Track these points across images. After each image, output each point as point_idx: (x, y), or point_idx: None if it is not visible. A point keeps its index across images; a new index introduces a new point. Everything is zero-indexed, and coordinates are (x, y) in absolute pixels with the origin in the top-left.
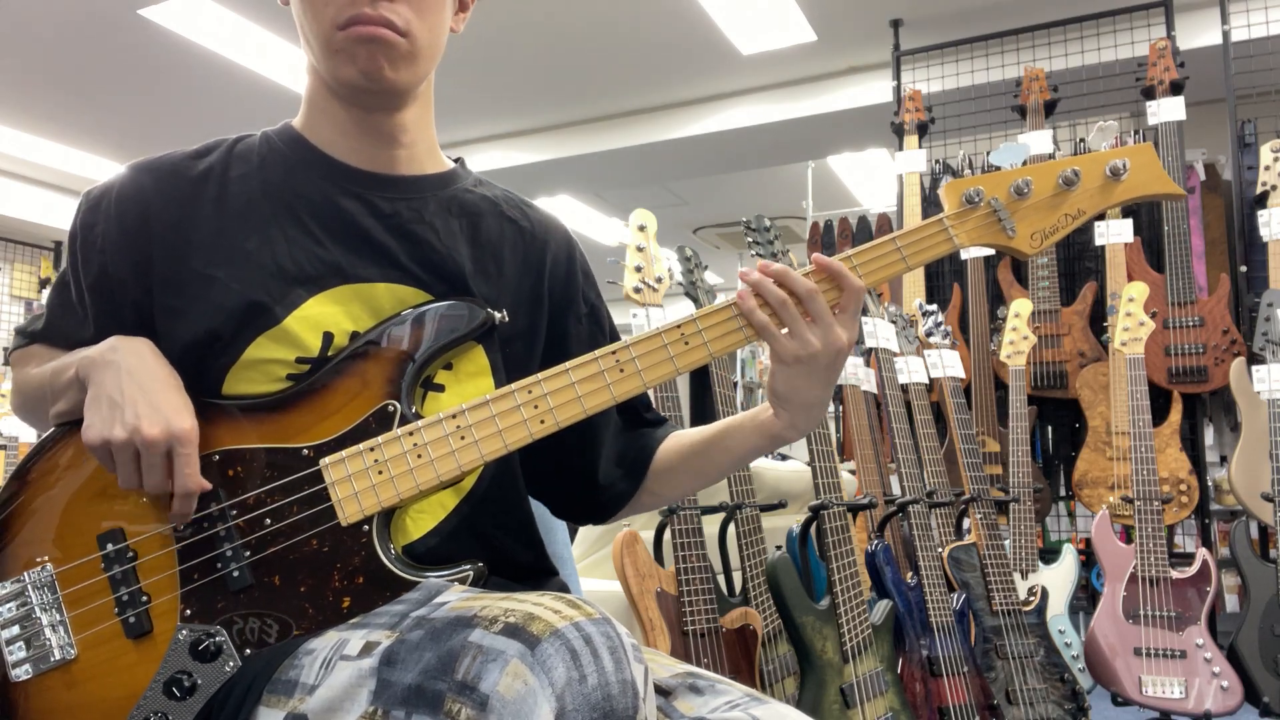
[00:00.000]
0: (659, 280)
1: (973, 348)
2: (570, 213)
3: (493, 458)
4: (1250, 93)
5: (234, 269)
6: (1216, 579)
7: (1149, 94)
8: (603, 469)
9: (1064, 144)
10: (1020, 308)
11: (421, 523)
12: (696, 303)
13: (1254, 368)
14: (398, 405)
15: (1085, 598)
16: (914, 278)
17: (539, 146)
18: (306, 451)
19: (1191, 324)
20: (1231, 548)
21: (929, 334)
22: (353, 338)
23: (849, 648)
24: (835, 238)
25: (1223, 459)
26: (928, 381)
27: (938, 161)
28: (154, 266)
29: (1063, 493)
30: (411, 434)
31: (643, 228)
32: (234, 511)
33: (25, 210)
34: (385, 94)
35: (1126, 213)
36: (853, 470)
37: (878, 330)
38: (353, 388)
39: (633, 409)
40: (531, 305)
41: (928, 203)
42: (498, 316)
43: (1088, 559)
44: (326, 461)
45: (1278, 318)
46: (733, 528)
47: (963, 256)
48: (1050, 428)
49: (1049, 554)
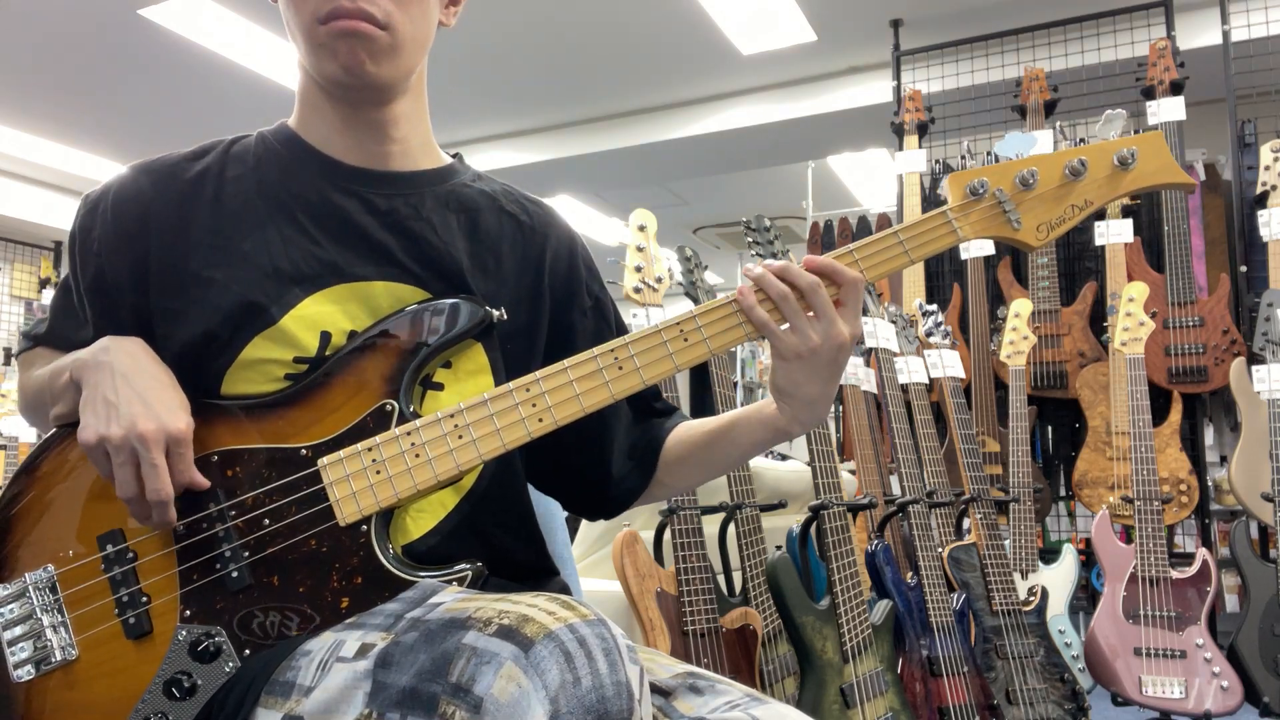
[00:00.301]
0: (659, 280)
1: (973, 348)
2: (570, 213)
3: (491, 457)
4: (1250, 93)
5: (231, 270)
6: (1216, 579)
7: (1149, 94)
8: (615, 463)
9: (1064, 144)
10: (1020, 308)
11: (422, 522)
12: (696, 303)
13: (1254, 368)
14: (395, 404)
15: (1085, 598)
16: (914, 277)
17: (539, 146)
18: (305, 451)
19: (1191, 324)
20: (1231, 548)
21: (929, 334)
22: (350, 337)
23: (849, 648)
24: (835, 238)
25: (1223, 459)
26: (928, 381)
27: (938, 161)
28: (151, 268)
29: (1063, 493)
30: (409, 433)
31: (643, 228)
32: (233, 512)
33: (25, 210)
34: (369, 89)
35: (1126, 212)
36: (853, 470)
37: (878, 330)
38: (350, 387)
39: (643, 400)
40: (532, 301)
41: (928, 202)
42: (496, 314)
43: (1088, 559)
44: (324, 461)
45: (1278, 318)
46: (733, 528)
47: (963, 256)
48: (1050, 428)
49: (1049, 554)
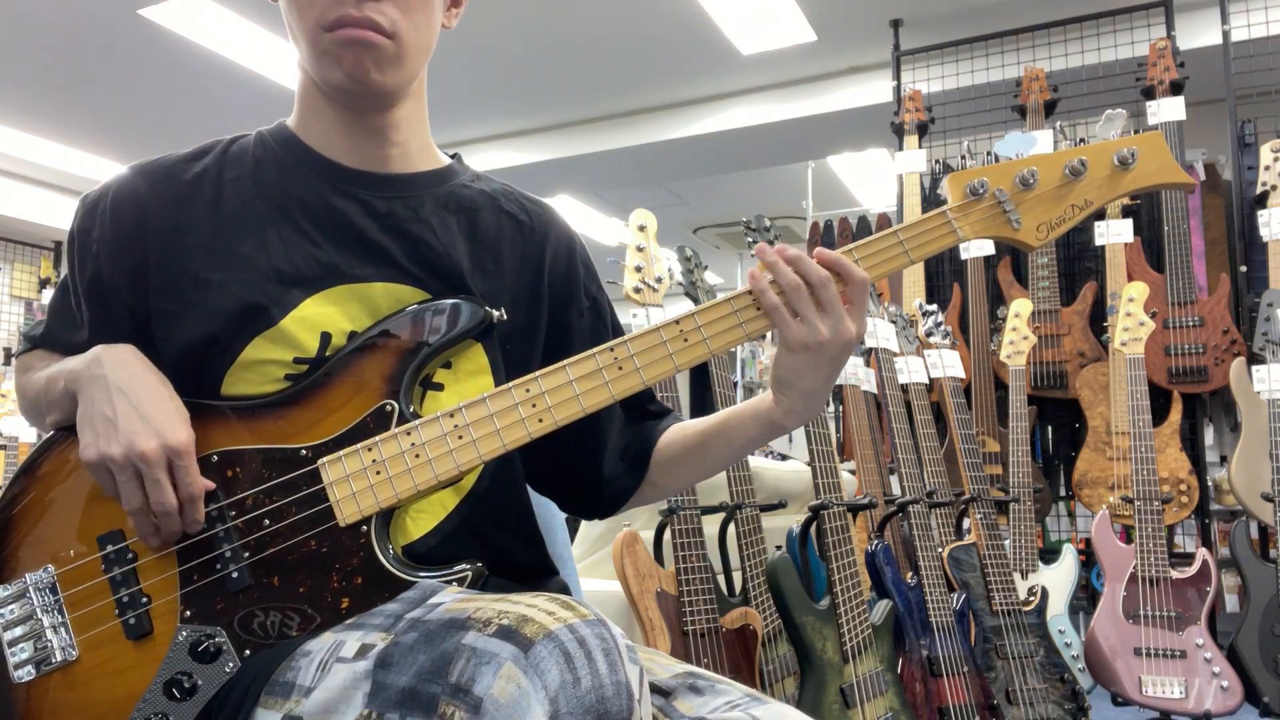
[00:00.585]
0: (659, 280)
1: (973, 348)
2: (570, 213)
3: (491, 457)
4: (1250, 93)
5: (230, 272)
6: (1216, 579)
7: (1149, 94)
8: (607, 464)
9: (1064, 144)
10: (1020, 308)
11: (422, 522)
12: (696, 303)
13: (1254, 368)
14: (395, 405)
15: (1085, 598)
16: (914, 278)
17: (539, 146)
18: (305, 452)
19: (1191, 324)
20: (1231, 548)
21: (929, 334)
22: (350, 337)
23: (849, 648)
24: (835, 238)
25: (1223, 459)
26: (928, 381)
27: (938, 161)
28: (149, 270)
29: (1063, 493)
30: (409, 434)
31: (643, 228)
32: (233, 512)
33: (25, 210)
34: (373, 96)
35: (1126, 212)
36: (853, 470)
37: (878, 330)
38: (350, 387)
39: (637, 402)
40: (531, 301)
41: (928, 203)
42: (496, 315)
43: (1088, 559)
44: (324, 462)
45: (1278, 318)
46: (733, 528)
47: (963, 256)
48: (1050, 428)
49: (1049, 554)
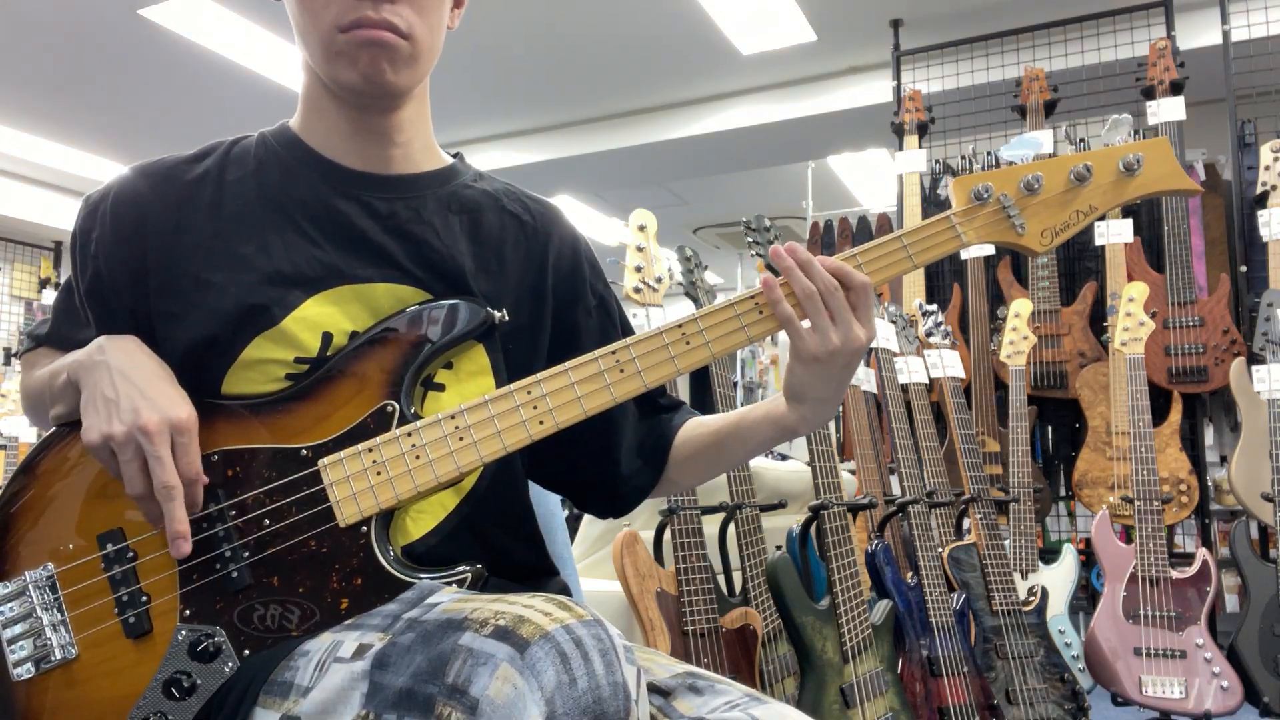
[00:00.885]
0: (659, 280)
1: (973, 348)
2: (570, 213)
3: (491, 459)
4: (1250, 93)
5: (231, 274)
6: (1216, 579)
7: (1149, 94)
8: (624, 461)
9: (1064, 144)
10: (1020, 308)
11: (422, 523)
12: (696, 303)
13: (1254, 368)
14: (396, 405)
15: (1085, 598)
16: (914, 277)
17: (539, 146)
18: (305, 452)
19: (1191, 324)
20: (1231, 548)
21: (929, 334)
22: (352, 338)
23: (849, 648)
24: (835, 238)
25: (1223, 459)
26: (928, 381)
27: (938, 161)
28: (150, 271)
29: (1063, 493)
30: (410, 435)
31: (643, 228)
32: (233, 512)
33: (25, 210)
34: (385, 96)
35: (1126, 213)
36: (853, 470)
37: (878, 330)
38: (351, 388)
39: (649, 397)
40: (534, 301)
41: (928, 203)
42: (498, 316)
43: (1088, 559)
44: (325, 462)
45: (1278, 318)
46: (733, 528)
47: (963, 256)
48: (1050, 428)
49: (1049, 554)
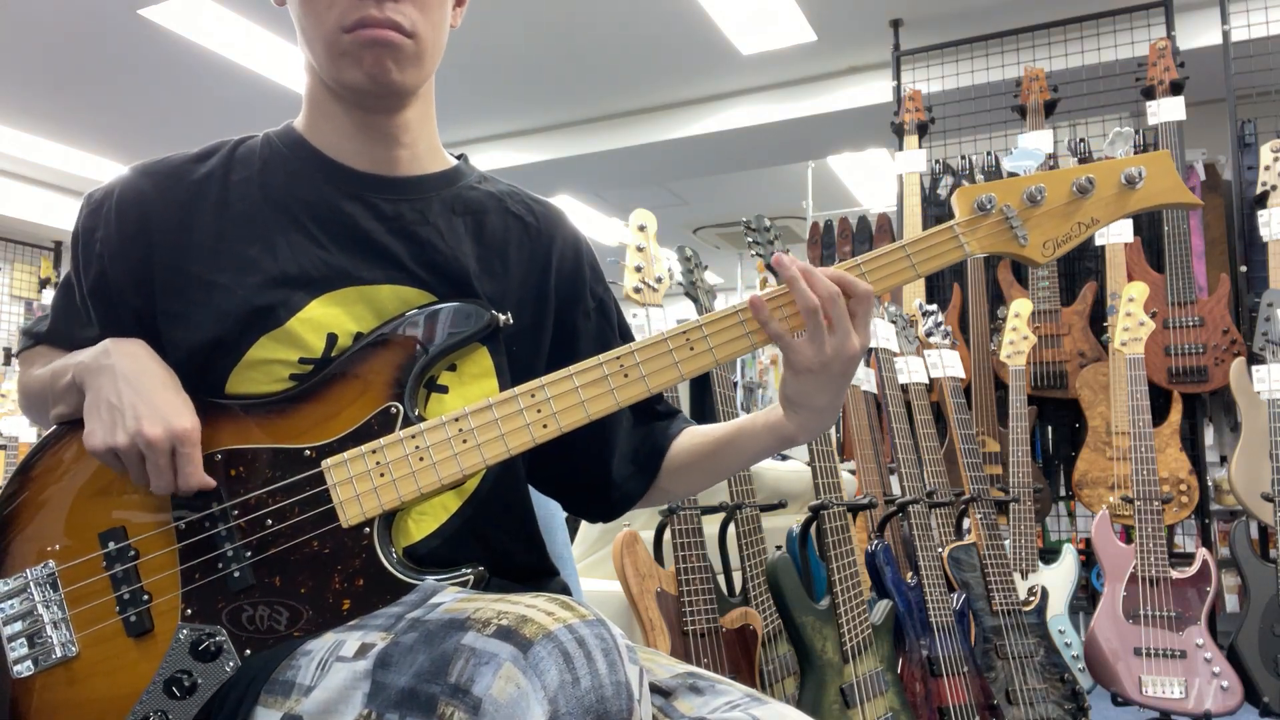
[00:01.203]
0: (659, 280)
1: (973, 348)
2: (570, 213)
3: (494, 461)
4: (1250, 93)
5: (237, 275)
6: (1216, 579)
7: (1149, 94)
8: (616, 466)
9: (1064, 144)
10: (1020, 308)
11: (424, 525)
12: (696, 303)
13: (1254, 368)
14: (400, 407)
15: (1085, 598)
16: None
17: (539, 146)
18: (309, 452)
19: (1191, 324)
20: (1231, 548)
21: (929, 334)
22: (356, 339)
23: (849, 648)
24: (835, 238)
25: (1223, 459)
26: (928, 381)
27: (938, 161)
28: (154, 271)
29: (1063, 493)
30: (414, 436)
31: (643, 228)
32: (235, 511)
33: (25, 210)
34: (390, 96)
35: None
36: (853, 470)
37: (878, 330)
38: (355, 389)
39: (645, 403)
40: (537, 303)
41: (928, 203)
42: (502, 319)
43: (1088, 559)
44: (328, 463)
45: (1278, 318)
46: (733, 528)
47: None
48: (1050, 428)
49: (1049, 554)
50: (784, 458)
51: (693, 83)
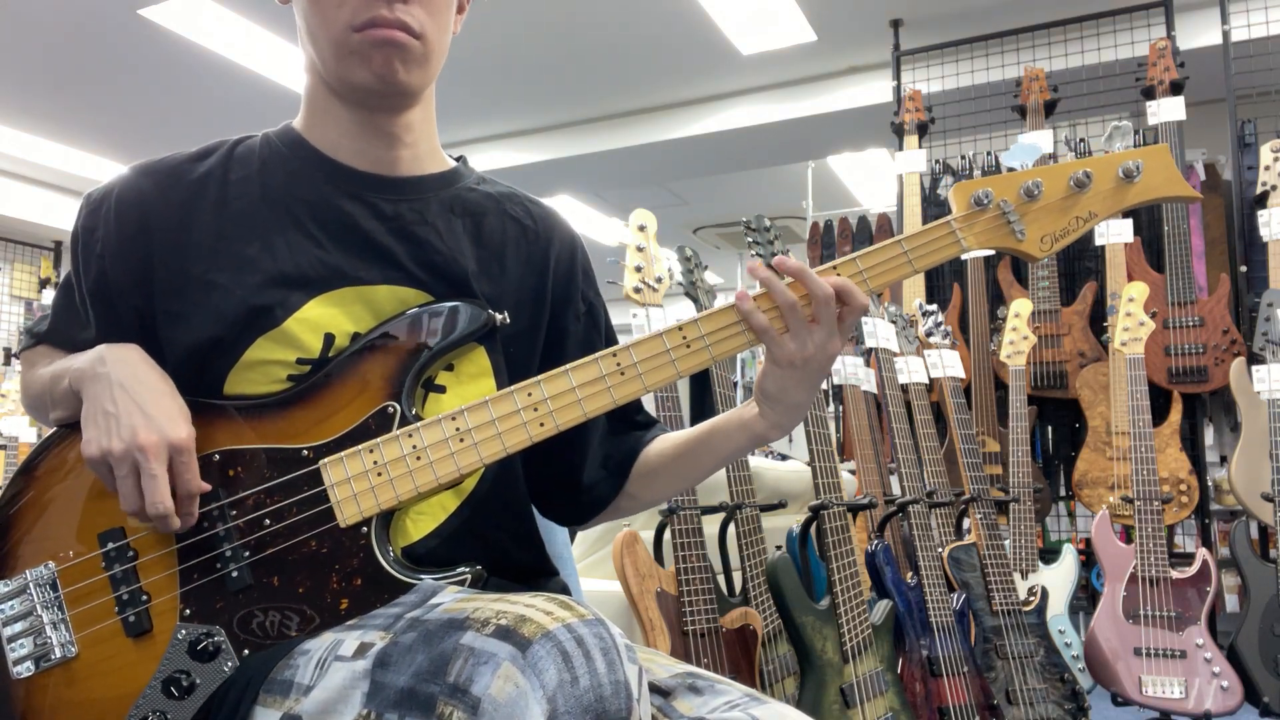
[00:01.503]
0: (659, 280)
1: (973, 348)
2: (570, 213)
3: (491, 460)
4: (1250, 93)
5: (235, 274)
6: (1216, 579)
7: (1149, 94)
8: (588, 471)
9: (1063, 147)
10: (1020, 308)
11: (422, 524)
12: (696, 303)
13: (1254, 368)
14: (398, 406)
15: (1085, 598)
16: (914, 278)
17: (539, 146)
18: (306, 452)
19: (1191, 324)
20: (1231, 548)
21: (929, 334)
22: (354, 339)
23: (849, 648)
24: (835, 238)
25: (1223, 459)
26: (928, 381)
27: (938, 161)
28: (154, 271)
29: (1063, 493)
30: (410, 435)
31: (643, 228)
32: (234, 512)
33: (25, 210)
34: (395, 96)
35: (1126, 213)
36: (853, 470)
37: (878, 330)
38: (353, 389)
39: (624, 413)
40: (534, 304)
41: (928, 203)
42: (499, 318)
43: (1088, 559)
44: (326, 463)
45: (1278, 318)
46: (733, 528)
47: (963, 256)
48: (1050, 428)
49: (1049, 554)
50: (784, 457)
51: (693, 83)
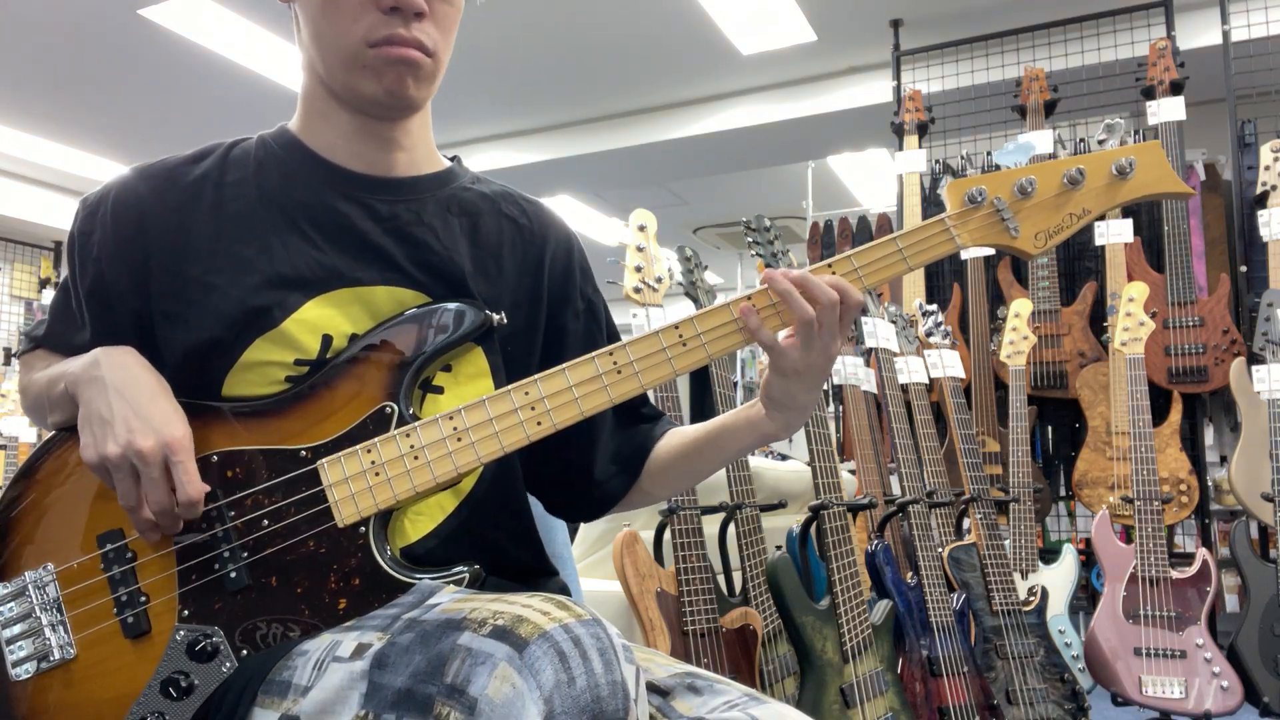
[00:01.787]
0: (659, 280)
1: (973, 348)
2: (570, 213)
3: (489, 459)
4: (1250, 93)
5: (232, 276)
6: (1216, 579)
7: (1149, 94)
8: (598, 467)
9: (1064, 144)
10: (1020, 308)
11: (420, 525)
12: (696, 303)
13: (1254, 368)
14: (395, 407)
15: (1085, 598)
16: (914, 277)
17: (539, 146)
18: (304, 453)
19: (1191, 324)
20: (1231, 548)
21: (929, 334)
22: (351, 340)
23: (849, 648)
24: (835, 238)
25: (1223, 459)
26: (928, 381)
27: (938, 161)
28: (151, 273)
29: (1063, 493)
30: (408, 435)
31: (643, 228)
32: (232, 512)
33: (25, 210)
34: (402, 109)
35: (1126, 213)
36: (853, 470)
37: (878, 330)
38: (351, 389)
39: (630, 405)
40: (531, 304)
41: (928, 203)
42: (496, 319)
43: (1088, 559)
44: (324, 463)
45: (1278, 318)
46: (733, 528)
47: (963, 256)
48: (1050, 428)
49: (1049, 554)
50: (784, 457)
51: (693, 83)
